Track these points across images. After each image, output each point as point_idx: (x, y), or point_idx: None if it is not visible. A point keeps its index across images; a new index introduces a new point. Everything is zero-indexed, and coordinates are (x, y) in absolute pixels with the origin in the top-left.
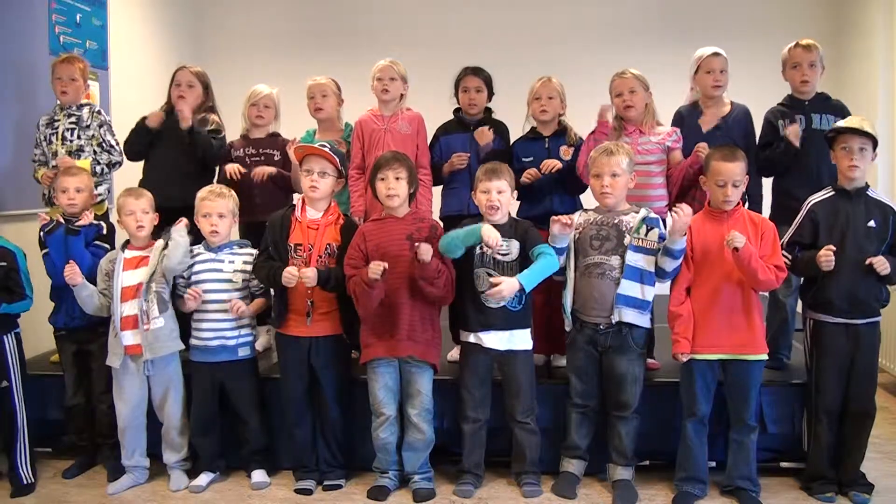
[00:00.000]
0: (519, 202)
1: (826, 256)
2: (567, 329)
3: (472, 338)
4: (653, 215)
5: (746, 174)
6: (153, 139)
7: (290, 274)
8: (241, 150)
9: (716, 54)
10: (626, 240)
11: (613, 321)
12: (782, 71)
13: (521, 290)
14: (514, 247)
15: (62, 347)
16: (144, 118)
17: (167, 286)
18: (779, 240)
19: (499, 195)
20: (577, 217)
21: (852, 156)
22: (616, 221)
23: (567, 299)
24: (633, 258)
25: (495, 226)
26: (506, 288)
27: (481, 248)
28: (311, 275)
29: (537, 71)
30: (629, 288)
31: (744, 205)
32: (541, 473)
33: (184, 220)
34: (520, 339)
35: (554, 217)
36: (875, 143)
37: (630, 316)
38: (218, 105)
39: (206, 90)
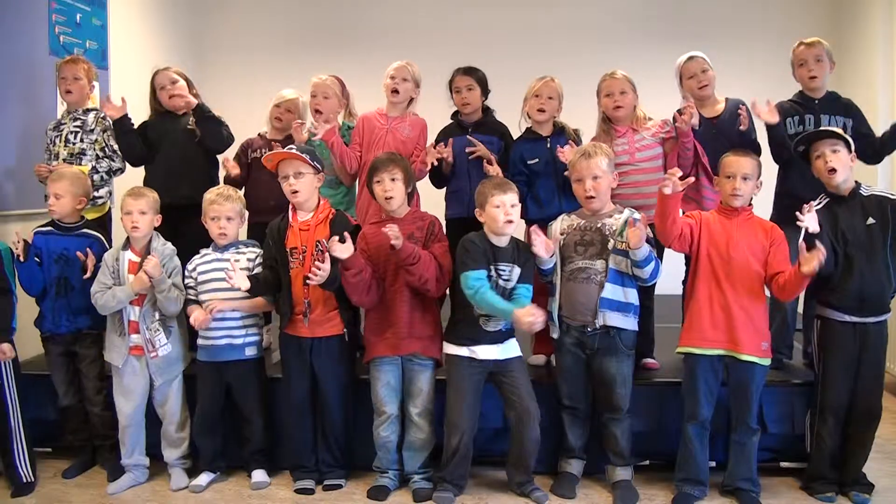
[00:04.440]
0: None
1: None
2: (554, 335)
3: (464, 351)
4: (636, 216)
5: (759, 179)
6: (152, 143)
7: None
8: (259, 150)
9: (690, 58)
10: (610, 244)
11: (598, 325)
12: (793, 73)
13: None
14: (515, 273)
15: (48, 349)
16: (115, 122)
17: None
18: (788, 248)
19: (512, 208)
20: (560, 222)
21: (827, 158)
22: (599, 226)
23: (554, 305)
24: (615, 261)
25: (501, 248)
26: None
27: (487, 272)
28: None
29: (536, 71)
30: (612, 291)
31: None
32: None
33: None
34: (512, 348)
35: (533, 235)
36: (847, 143)
37: (614, 319)
38: (215, 105)
39: (189, 83)
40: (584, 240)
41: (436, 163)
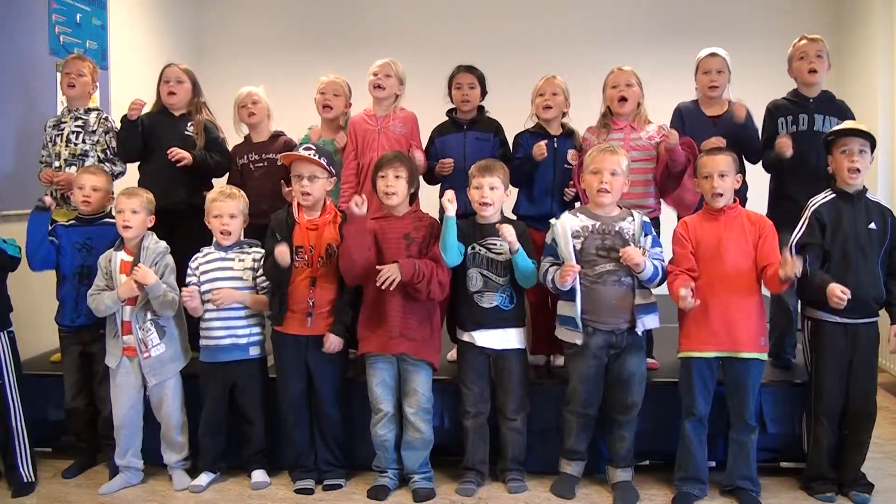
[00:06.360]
0: (516, 200)
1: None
2: (577, 342)
3: (465, 336)
4: (646, 219)
5: (739, 172)
6: (148, 141)
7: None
8: (245, 157)
9: (713, 55)
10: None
11: (639, 332)
12: (788, 69)
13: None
14: (506, 245)
15: (66, 348)
16: (125, 116)
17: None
18: (777, 241)
19: (491, 191)
20: (569, 221)
21: (853, 157)
22: (617, 229)
23: (576, 310)
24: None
25: (487, 224)
26: (507, 232)
27: (473, 248)
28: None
29: (535, 72)
30: (642, 296)
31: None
32: (525, 471)
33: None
34: (513, 339)
35: (566, 271)
36: (873, 146)
37: (651, 322)
38: (215, 105)
39: (195, 87)
40: (604, 245)
41: (450, 167)
